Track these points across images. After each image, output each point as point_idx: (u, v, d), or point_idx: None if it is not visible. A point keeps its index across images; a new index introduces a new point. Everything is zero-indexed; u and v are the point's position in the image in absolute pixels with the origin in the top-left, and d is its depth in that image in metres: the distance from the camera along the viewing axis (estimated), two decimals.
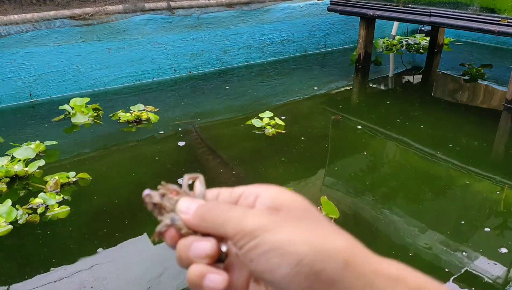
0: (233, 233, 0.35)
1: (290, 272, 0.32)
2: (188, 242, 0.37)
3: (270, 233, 0.33)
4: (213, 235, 0.37)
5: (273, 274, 0.33)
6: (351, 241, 0.34)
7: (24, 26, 3.24)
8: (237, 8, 4.23)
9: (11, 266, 1.70)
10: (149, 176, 2.32)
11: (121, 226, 1.92)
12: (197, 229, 0.38)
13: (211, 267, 0.36)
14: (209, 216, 0.37)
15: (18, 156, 2.33)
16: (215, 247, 0.36)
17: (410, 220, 1.98)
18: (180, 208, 0.39)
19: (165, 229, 0.39)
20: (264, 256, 0.33)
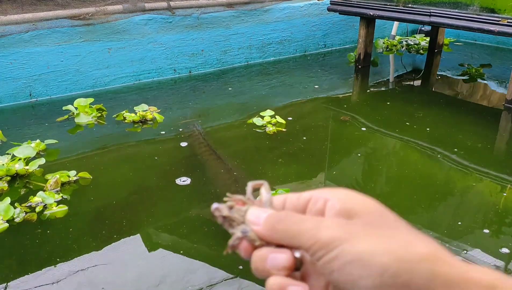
0: (309, 245, 0.34)
1: (373, 284, 0.31)
2: (264, 254, 0.37)
3: (349, 244, 0.33)
4: (286, 246, 0.36)
5: (356, 286, 0.32)
6: (434, 246, 0.33)
7: (24, 26, 3.23)
8: (237, 8, 4.23)
9: (5, 266, 1.70)
10: (150, 177, 2.32)
11: (119, 228, 1.92)
12: (270, 240, 0.37)
13: (290, 279, 0.36)
14: (281, 228, 0.36)
15: (19, 154, 2.33)
16: (291, 259, 0.36)
17: (411, 219, 1.98)
18: (249, 219, 0.39)
19: (238, 242, 0.39)
20: (345, 268, 0.32)
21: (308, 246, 0.34)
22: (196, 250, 1.77)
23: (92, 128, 2.91)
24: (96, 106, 3.07)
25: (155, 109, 3.09)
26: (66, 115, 3.03)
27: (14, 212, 1.93)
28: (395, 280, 0.31)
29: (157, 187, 2.21)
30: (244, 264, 1.70)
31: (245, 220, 0.39)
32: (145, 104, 3.10)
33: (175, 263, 1.72)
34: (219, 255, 1.75)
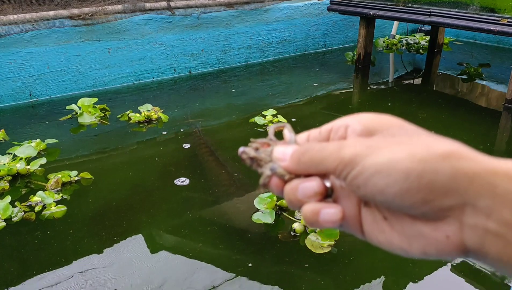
0: (334, 167, 0.35)
1: (400, 189, 0.32)
2: (294, 186, 0.38)
3: (371, 157, 0.33)
4: (315, 175, 0.38)
5: (384, 195, 0.32)
6: (456, 145, 0.33)
7: (24, 26, 3.23)
8: (237, 7, 4.23)
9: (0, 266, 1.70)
10: (152, 178, 2.32)
11: (119, 228, 1.92)
12: (298, 172, 0.38)
13: (323, 203, 0.37)
14: (306, 158, 0.38)
15: (20, 154, 2.34)
16: (321, 185, 0.37)
17: None
18: (276, 156, 0.40)
19: (268, 180, 0.40)
20: (370, 181, 0.33)
21: (333, 168, 0.35)
22: (198, 251, 1.77)
23: (95, 128, 2.91)
24: (99, 106, 3.07)
25: (158, 109, 3.09)
26: (69, 115, 3.03)
27: (12, 211, 1.94)
28: (420, 182, 0.31)
29: (157, 188, 2.21)
30: (244, 265, 1.70)
31: (272, 158, 0.41)
32: (149, 104, 3.09)
33: (177, 264, 1.72)
34: (221, 256, 1.75)
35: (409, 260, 1.73)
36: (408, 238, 0.33)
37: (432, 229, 0.32)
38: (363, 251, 1.80)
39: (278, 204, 2.00)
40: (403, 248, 0.34)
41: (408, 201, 0.32)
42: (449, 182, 0.31)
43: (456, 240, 0.32)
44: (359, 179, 0.33)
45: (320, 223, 0.36)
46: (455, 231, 0.32)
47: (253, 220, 1.91)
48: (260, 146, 0.42)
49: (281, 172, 0.39)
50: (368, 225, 0.36)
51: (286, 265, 1.70)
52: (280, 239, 1.82)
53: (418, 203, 0.32)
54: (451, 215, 0.31)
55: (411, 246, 0.34)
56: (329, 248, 1.76)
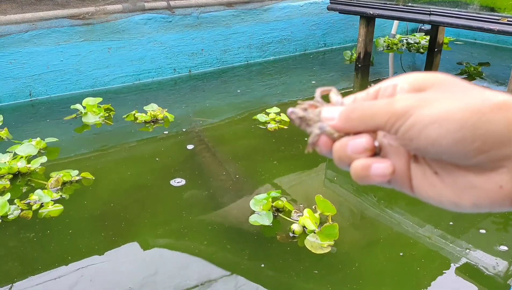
0: (385, 121, 0.35)
1: (453, 140, 0.32)
2: (344, 142, 0.38)
3: (424, 109, 0.33)
4: (363, 132, 0.38)
5: (437, 147, 0.33)
6: (509, 96, 0.33)
7: (24, 26, 3.23)
8: (236, 7, 4.23)
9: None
10: (153, 177, 2.32)
11: (116, 228, 1.92)
12: (346, 130, 0.39)
13: (373, 158, 0.37)
14: (356, 115, 0.38)
15: (20, 153, 2.35)
16: (370, 140, 0.37)
17: (410, 216, 1.98)
18: (324, 116, 0.41)
19: (317, 139, 0.41)
20: (423, 132, 0.33)
21: (384, 122, 0.35)
22: (195, 252, 1.77)
23: (99, 128, 2.91)
24: (104, 106, 3.07)
25: (161, 109, 3.07)
26: (74, 114, 3.03)
27: (9, 208, 1.95)
28: (474, 132, 0.31)
29: (158, 188, 2.21)
30: (237, 263, 1.70)
31: (320, 118, 0.41)
32: (154, 104, 3.09)
33: (173, 262, 1.72)
34: (217, 254, 1.75)
35: (412, 256, 1.73)
36: (460, 190, 0.34)
37: (484, 180, 0.32)
38: (363, 250, 1.80)
39: (274, 205, 1.98)
40: (453, 201, 0.34)
41: (461, 152, 0.32)
42: (504, 132, 0.31)
43: (510, 190, 0.32)
44: (412, 131, 0.33)
45: (370, 177, 0.37)
46: (508, 181, 0.32)
47: (250, 222, 1.89)
48: (308, 107, 0.43)
49: (330, 130, 0.40)
50: (417, 181, 0.36)
51: (286, 266, 1.70)
52: (279, 240, 1.82)
53: (472, 153, 0.32)
54: (505, 165, 0.32)
55: (461, 198, 0.34)
56: (328, 248, 1.76)
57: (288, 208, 1.98)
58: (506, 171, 0.32)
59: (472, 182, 0.33)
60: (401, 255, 1.76)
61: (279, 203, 1.98)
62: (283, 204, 1.98)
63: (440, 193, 0.35)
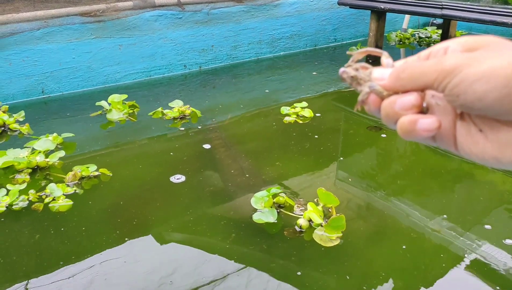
0: (434, 78, 0.37)
1: (499, 95, 0.33)
2: (392, 100, 0.40)
3: (472, 66, 0.34)
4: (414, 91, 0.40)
5: (483, 102, 0.34)
6: None
7: (36, 24, 3.26)
8: (246, 3, 4.22)
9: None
10: (169, 175, 2.33)
11: (128, 224, 1.94)
12: (396, 89, 0.41)
13: (419, 114, 0.39)
14: (405, 74, 0.40)
15: (38, 148, 2.39)
16: (418, 97, 0.39)
17: (421, 209, 1.97)
18: (375, 76, 0.43)
19: (366, 97, 0.43)
20: (470, 88, 0.34)
21: (433, 80, 0.37)
22: (206, 246, 1.78)
23: (123, 125, 2.92)
24: (129, 103, 3.09)
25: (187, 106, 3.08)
26: (99, 111, 3.06)
27: (18, 198, 1.99)
28: None
29: (173, 185, 2.22)
30: (248, 258, 1.71)
31: (371, 78, 0.43)
32: (179, 100, 3.10)
33: (188, 257, 1.73)
34: (230, 248, 1.76)
35: (421, 249, 1.72)
36: (502, 146, 0.36)
37: None
38: (372, 242, 1.80)
39: (275, 201, 1.97)
40: (496, 156, 0.36)
41: (506, 107, 0.33)
42: None
43: None
44: (460, 87, 0.35)
45: (416, 131, 0.39)
46: None
47: (254, 220, 1.87)
48: (360, 68, 0.45)
49: (379, 89, 0.42)
50: (462, 138, 0.38)
51: (297, 259, 1.70)
52: (287, 235, 1.82)
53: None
54: None
55: (504, 154, 0.36)
56: (338, 240, 1.76)
57: (289, 203, 1.97)
58: None
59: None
60: (409, 249, 1.75)
61: (280, 199, 1.97)
62: (284, 199, 1.97)
63: (484, 149, 0.37)
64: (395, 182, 2.26)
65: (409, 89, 0.39)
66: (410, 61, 0.42)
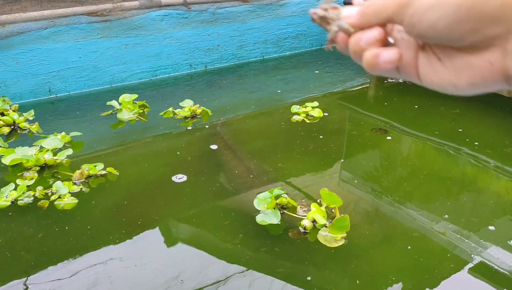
0: (392, 12, 0.39)
1: (450, 22, 0.35)
2: (358, 36, 0.42)
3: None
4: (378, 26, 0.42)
5: (435, 29, 0.36)
6: None
7: (43, 23, 3.28)
8: (252, 2, 4.23)
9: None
10: (173, 174, 2.34)
11: (132, 224, 1.95)
12: (362, 25, 0.42)
13: (383, 47, 0.41)
14: (369, 9, 0.41)
15: (47, 146, 2.41)
16: (381, 32, 0.41)
17: (425, 211, 1.97)
18: (343, 14, 0.44)
19: (335, 35, 0.45)
20: (424, 17, 0.36)
21: (392, 13, 0.39)
22: (210, 247, 1.79)
23: (134, 124, 2.93)
24: (139, 103, 3.10)
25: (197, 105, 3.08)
26: (110, 110, 3.07)
27: (25, 194, 2.01)
28: (469, 13, 0.34)
29: (175, 185, 2.23)
30: (252, 259, 1.71)
31: (340, 17, 0.45)
32: (189, 100, 3.11)
33: (193, 257, 1.73)
34: (235, 249, 1.76)
35: (426, 251, 1.72)
36: (458, 71, 0.37)
37: (478, 59, 0.36)
38: (376, 244, 1.79)
39: (278, 203, 1.97)
40: (453, 82, 0.38)
41: (456, 33, 0.35)
42: (497, 11, 0.33)
43: (499, 67, 0.35)
44: (414, 17, 0.37)
45: (379, 64, 0.41)
46: (498, 58, 0.35)
47: (258, 222, 1.87)
48: (329, 8, 0.46)
49: (346, 27, 0.43)
50: (423, 68, 0.40)
51: (303, 260, 1.70)
52: (291, 237, 1.82)
53: (467, 33, 0.35)
54: (496, 43, 0.34)
55: (459, 79, 0.37)
56: (342, 241, 1.76)
57: (292, 204, 1.97)
58: (497, 49, 0.35)
59: (468, 62, 0.36)
60: (414, 250, 1.75)
61: (283, 200, 1.97)
62: (287, 200, 1.97)
63: (442, 77, 0.38)
64: (400, 184, 2.26)
65: (374, 24, 0.41)
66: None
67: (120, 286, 1.58)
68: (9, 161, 2.26)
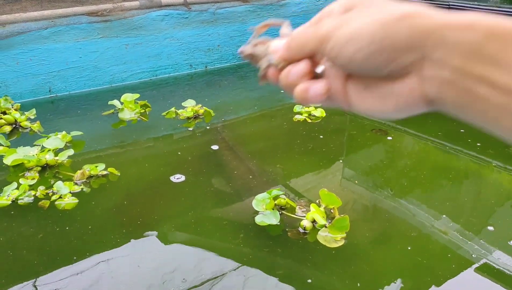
0: (314, 46, 0.39)
1: (366, 53, 0.35)
2: (287, 71, 0.42)
3: (342, 28, 0.36)
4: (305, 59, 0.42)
5: (354, 62, 0.36)
6: (415, 7, 0.35)
7: (43, 23, 3.28)
8: (252, 2, 4.23)
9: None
10: (172, 175, 2.34)
11: (132, 224, 1.94)
12: (290, 59, 0.42)
13: (311, 81, 0.41)
14: (294, 43, 0.41)
15: (48, 146, 2.41)
16: (308, 65, 0.41)
17: (427, 210, 1.96)
18: (272, 49, 0.44)
19: (265, 71, 0.44)
20: (342, 51, 0.36)
21: (315, 47, 0.39)
22: (209, 246, 1.79)
23: (135, 124, 2.93)
24: (141, 102, 3.10)
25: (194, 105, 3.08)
26: (111, 110, 3.07)
27: (25, 194, 2.02)
28: (382, 44, 0.34)
29: (178, 185, 2.23)
30: (252, 260, 1.71)
31: (268, 52, 0.44)
32: (192, 100, 3.10)
33: (191, 257, 1.74)
34: (234, 248, 1.76)
35: (426, 250, 1.72)
36: (383, 98, 0.37)
37: (399, 86, 0.36)
38: (376, 243, 1.79)
39: (277, 203, 1.96)
40: (380, 109, 0.38)
41: (374, 63, 0.35)
42: (407, 40, 0.33)
43: (419, 92, 0.35)
44: (334, 51, 0.37)
45: (309, 98, 0.41)
46: (417, 84, 0.35)
47: (257, 223, 1.87)
48: (258, 44, 0.45)
49: (275, 62, 0.43)
50: (352, 96, 0.40)
51: (303, 261, 1.70)
52: (291, 237, 1.81)
53: (383, 63, 0.35)
54: (413, 70, 0.34)
55: (386, 105, 0.38)
56: (342, 241, 1.76)
57: (291, 205, 1.97)
58: (415, 76, 0.35)
59: (391, 90, 0.36)
60: (415, 249, 1.75)
61: (282, 200, 1.96)
62: (285, 201, 1.96)
63: (370, 104, 0.39)
64: (401, 184, 2.26)
65: (301, 58, 0.41)
66: (299, 30, 0.43)
67: (121, 285, 1.58)
68: (10, 162, 2.26)
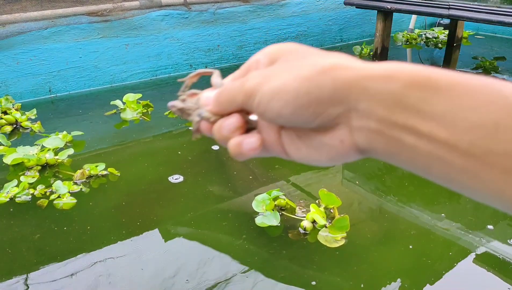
0: (242, 101, 0.38)
1: (293, 108, 0.35)
2: (218, 124, 0.41)
3: (266, 85, 0.36)
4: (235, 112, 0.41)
5: (283, 117, 0.36)
6: (338, 58, 0.35)
7: (43, 23, 3.29)
8: (252, 2, 4.23)
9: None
10: (171, 175, 2.34)
11: (131, 224, 1.94)
12: (220, 112, 0.42)
13: (244, 135, 0.41)
14: (222, 97, 0.41)
15: (48, 145, 2.41)
16: (239, 119, 0.40)
17: (428, 209, 1.97)
18: (202, 102, 0.44)
19: (198, 125, 0.43)
20: (269, 106, 0.36)
21: (242, 102, 0.39)
22: (212, 246, 1.79)
23: (137, 124, 2.93)
24: (143, 102, 3.10)
25: None
26: (114, 110, 3.07)
27: (22, 191, 2.03)
28: (307, 98, 0.34)
29: (177, 185, 2.23)
30: (254, 261, 1.71)
31: (199, 105, 0.43)
32: None
33: (192, 258, 1.73)
34: (235, 249, 1.76)
35: (428, 249, 1.72)
36: (317, 149, 0.37)
37: (330, 137, 0.36)
38: (377, 243, 1.79)
39: (276, 204, 1.96)
40: (316, 159, 0.38)
41: (302, 118, 0.35)
42: (332, 93, 0.33)
43: (349, 143, 0.35)
44: (261, 106, 0.37)
45: (244, 153, 0.40)
46: (346, 135, 0.35)
47: (257, 224, 1.86)
48: (187, 97, 0.45)
49: (207, 115, 0.42)
50: (288, 146, 0.39)
51: (304, 261, 1.70)
52: (291, 238, 1.81)
53: (310, 117, 0.35)
54: (341, 122, 0.35)
55: (321, 155, 0.37)
56: (343, 241, 1.76)
57: (290, 205, 1.97)
58: (344, 127, 0.35)
59: (322, 141, 0.37)
60: (416, 249, 1.75)
61: (282, 201, 1.96)
62: (285, 202, 1.96)
63: (306, 153, 0.38)
64: (401, 184, 2.26)
65: (231, 111, 0.41)
66: (227, 83, 0.43)
67: (119, 286, 1.58)
68: (10, 161, 2.26)
